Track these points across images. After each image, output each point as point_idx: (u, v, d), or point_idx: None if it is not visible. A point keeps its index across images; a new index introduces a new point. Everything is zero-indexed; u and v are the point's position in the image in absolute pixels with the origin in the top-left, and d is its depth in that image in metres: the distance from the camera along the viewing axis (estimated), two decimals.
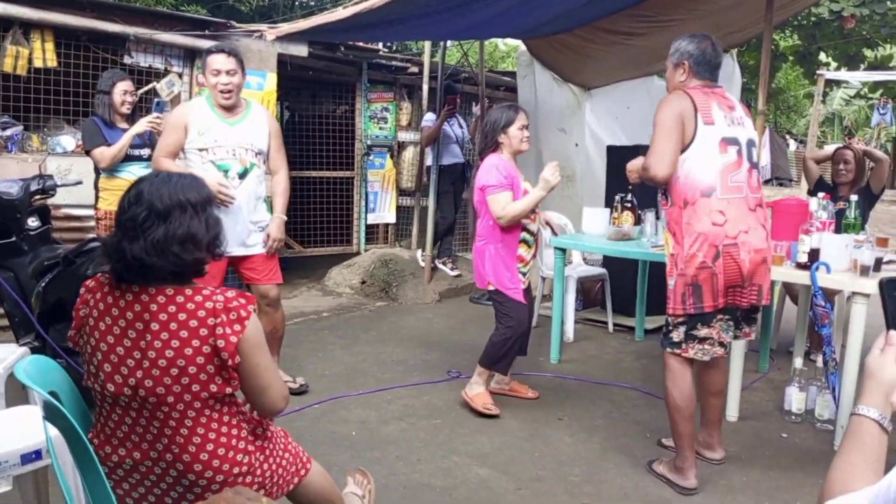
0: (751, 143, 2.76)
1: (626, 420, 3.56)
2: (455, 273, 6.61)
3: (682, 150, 2.66)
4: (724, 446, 3.06)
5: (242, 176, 3.42)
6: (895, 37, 10.98)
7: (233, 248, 3.25)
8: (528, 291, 3.61)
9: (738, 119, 2.74)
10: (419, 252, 6.60)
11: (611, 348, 4.83)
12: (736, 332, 2.85)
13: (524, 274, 3.56)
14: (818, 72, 9.93)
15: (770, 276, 2.80)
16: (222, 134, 3.37)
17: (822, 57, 11.10)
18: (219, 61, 3.32)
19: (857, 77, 11.84)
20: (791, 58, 11.21)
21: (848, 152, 4.48)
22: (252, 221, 3.47)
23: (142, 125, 3.98)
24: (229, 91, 3.34)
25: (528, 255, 3.56)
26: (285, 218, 3.61)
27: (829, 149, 5.03)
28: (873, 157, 4.58)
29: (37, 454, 2.00)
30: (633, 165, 2.97)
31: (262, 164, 3.50)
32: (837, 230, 3.40)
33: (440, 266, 6.56)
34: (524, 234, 3.52)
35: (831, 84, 13.93)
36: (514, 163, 3.59)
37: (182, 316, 1.62)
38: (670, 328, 2.81)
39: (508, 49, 15.23)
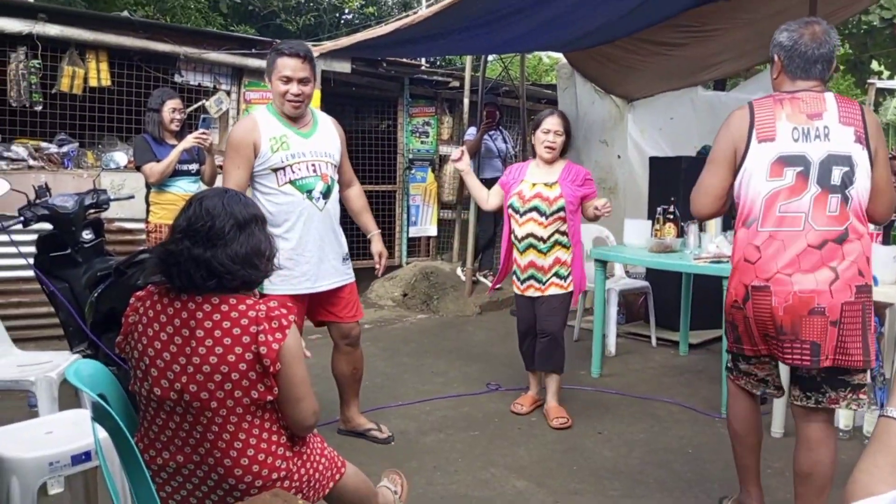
0: (836, 161, 2.21)
1: (668, 435, 3.51)
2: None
3: (737, 171, 2.34)
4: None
5: (326, 195, 2.97)
6: None
7: (322, 284, 2.98)
8: (538, 301, 3.57)
9: (821, 130, 2.22)
10: (459, 266, 6.63)
11: (654, 363, 4.77)
12: (816, 395, 2.29)
13: (521, 279, 3.60)
14: (869, 81, 9.67)
15: (836, 334, 2.19)
16: (299, 147, 2.91)
17: (874, 65, 10.81)
18: (291, 66, 2.84)
19: None
20: (842, 67, 10.95)
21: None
22: (340, 246, 3.08)
23: (188, 141, 4.11)
24: (300, 102, 2.89)
25: (520, 260, 3.58)
26: (380, 232, 3.34)
27: None
28: None
29: (86, 455, 2.08)
30: None
31: (337, 180, 3.09)
32: (885, 241, 3.30)
33: (481, 279, 6.58)
34: (531, 241, 3.52)
35: (884, 93, 13.52)
36: (547, 167, 3.57)
37: (226, 324, 1.68)
38: (728, 354, 2.60)
39: (552, 62, 15.22)
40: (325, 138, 3.02)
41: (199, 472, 1.74)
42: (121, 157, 5.24)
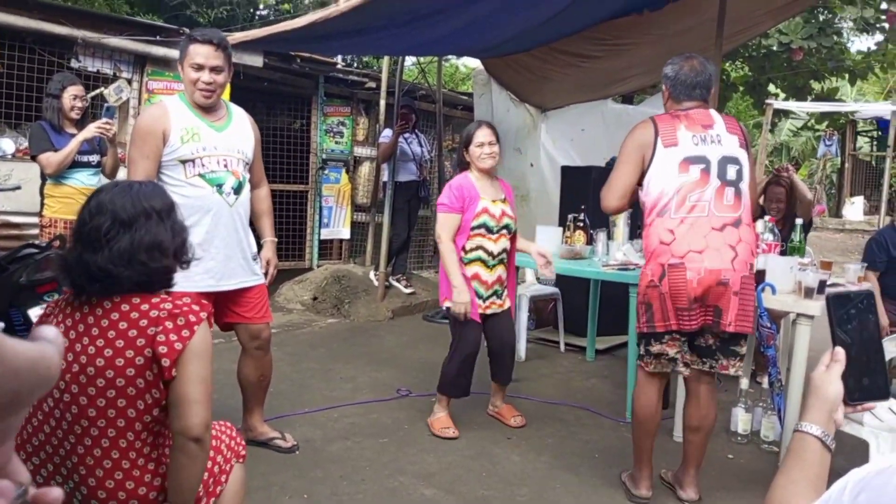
0: (729, 161, 2.66)
1: (575, 439, 3.54)
2: (409, 291, 6.55)
3: (643, 174, 2.70)
4: (670, 468, 3.04)
5: (238, 191, 2.86)
6: (841, 70, 11.41)
7: (227, 283, 2.85)
8: (494, 318, 3.52)
9: (714, 137, 2.67)
10: (372, 270, 6.52)
11: (562, 368, 4.83)
12: (710, 361, 2.76)
13: (483, 297, 3.46)
14: (766, 101, 10.23)
15: (739, 301, 2.61)
16: (211, 140, 2.79)
17: (771, 88, 11.46)
18: (203, 53, 2.69)
19: (805, 108, 12.24)
20: (742, 88, 11.55)
21: (780, 190, 4.50)
22: (247, 245, 2.95)
23: (90, 130, 3.84)
24: (211, 91, 2.74)
25: (488, 276, 3.46)
26: (276, 240, 3.22)
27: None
28: (800, 194, 4.59)
29: None
30: None
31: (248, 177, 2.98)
32: (783, 252, 3.45)
33: (394, 283, 6.50)
34: (479, 254, 3.44)
35: (780, 115, 14.37)
36: (491, 180, 3.53)
37: (122, 325, 1.56)
38: (639, 343, 2.84)
39: (468, 71, 15.39)
40: (238, 134, 2.90)
41: (66, 488, 1.58)
42: (8, 144, 4.86)
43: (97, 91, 5.11)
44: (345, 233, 7.18)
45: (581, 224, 4.44)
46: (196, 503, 1.67)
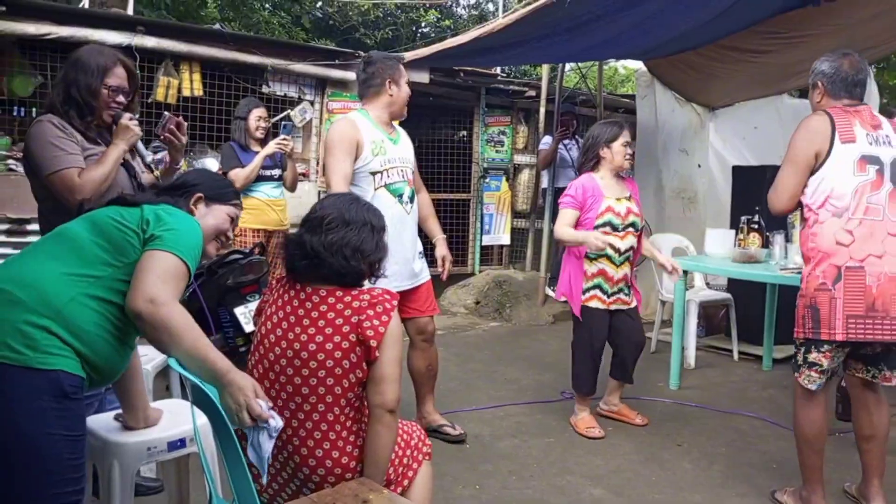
0: None
1: (751, 449, 3.40)
2: (563, 298, 6.53)
3: (816, 169, 2.57)
4: (855, 481, 2.85)
5: (412, 199, 3.13)
6: None
7: (403, 282, 3.07)
8: (618, 314, 3.54)
9: (884, 138, 2.57)
10: (548, 286, 6.53)
11: (736, 376, 4.63)
12: (874, 371, 2.63)
13: (608, 293, 3.49)
14: None
15: None
16: (392, 153, 3.07)
17: None
18: (408, 75, 3.20)
19: None
20: None
21: None
22: (417, 249, 3.23)
23: (270, 147, 4.27)
24: (405, 106, 3.16)
25: (614, 273, 3.48)
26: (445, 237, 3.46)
27: None
28: None
29: (181, 442, 2.18)
30: None
31: None
32: None
33: (549, 293, 6.50)
34: (607, 250, 3.44)
35: None
36: (617, 179, 3.54)
37: (331, 314, 1.79)
38: (795, 352, 2.71)
39: (628, 72, 15.05)
40: (406, 146, 3.22)
41: (280, 458, 1.80)
42: (212, 163, 5.46)
43: (285, 113, 5.62)
44: (505, 239, 7.32)
45: (756, 226, 4.25)
46: (387, 486, 1.84)
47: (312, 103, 5.79)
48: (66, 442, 1.63)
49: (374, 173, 3.02)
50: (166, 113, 2.56)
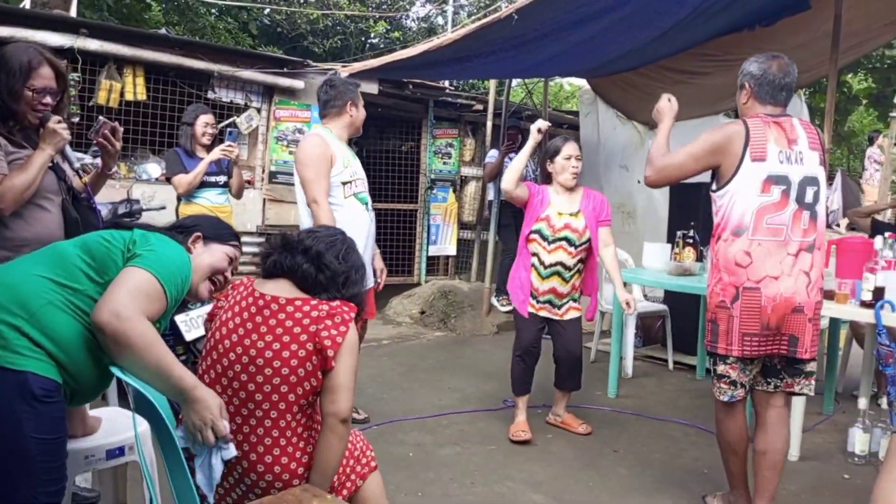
0: (808, 182, 2.56)
1: (684, 456, 3.53)
2: (507, 309, 6.63)
3: (723, 185, 2.59)
4: (784, 486, 2.98)
5: (371, 209, 3.46)
6: None
7: (368, 283, 3.25)
8: (561, 325, 3.65)
9: (798, 155, 2.55)
10: (494, 296, 6.61)
11: (670, 385, 4.79)
12: (775, 381, 2.67)
13: (537, 300, 3.61)
14: (891, 114, 9.68)
15: (813, 327, 2.57)
16: (355, 165, 3.38)
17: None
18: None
19: None
20: (865, 100, 10.96)
21: None
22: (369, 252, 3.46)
23: (215, 153, 4.24)
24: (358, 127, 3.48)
25: (539, 284, 3.59)
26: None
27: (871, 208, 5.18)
28: None
29: (120, 451, 2.16)
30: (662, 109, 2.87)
31: None
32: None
33: (494, 303, 6.60)
34: (533, 261, 3.59)
35: None
36: (569, 195, 3.63)
37: (289, 323, 1.80)
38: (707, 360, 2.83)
39: (573, 89, 15.42)
40: (358, 161, 3.48)
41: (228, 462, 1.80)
42: (153, 168, 5.38)
43: (230, 120, 5.57)
44: (451, 250, 7.40)
45: (691, 241, 4.42)
46: (331, 492, 1.86)
47: (259, 111, 5.76)
48: (39, 444, 1.60)
49: (344, 183, 3.28)
50: (101, 117, 2.46)
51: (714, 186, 2.66)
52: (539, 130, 3.52)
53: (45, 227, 2.24)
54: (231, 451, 1.68)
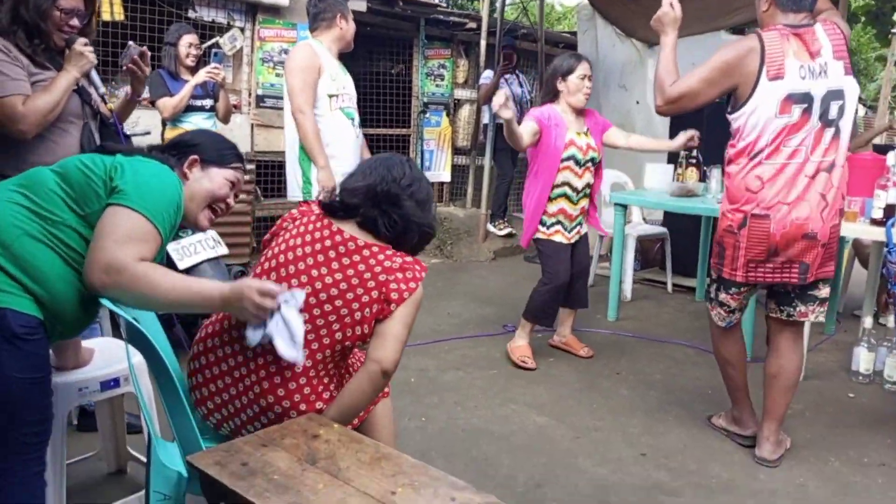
0: (833, 97, 2.38)
1: (685, 376, 3.53)
2: (504, 233, 6.56)
3: (739, 107, 2.43)
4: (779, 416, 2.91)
5: (358, 126, 3.37)
6: None
7: None
8: (576, 245, 3.59)
9: (822, 67, 2.37)
10: (489, 222, 6.52)
11: (669, 308, 4.77)
12: (789, 309, 2.59)
13: (569, 229, 3.53)
14: (892, 30, 9.42)
15: (824, 252, 2.47)
16: (344, 80, 3.29)
17: None
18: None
19: None
20: (864, 18, 10.64)
21: None
22: None
23: (201, 76, 4.04)
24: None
25: (573, 210, 3.51)
26: None
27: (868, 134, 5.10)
28: None
29: (115, 382, 2.09)
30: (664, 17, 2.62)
31: None
32: None
33: (491, 229, 6.52)
34: (565, 190, 3.47)
35: None
36: (576, 115, 3.51)
37: (361, 266, 1.70)
38: (709, 284, 2.76)
39: (565, 10, 14.92)
40: (350, 78, 3.37)
41: (249, 395, 1.70)
42: None
43: (213, 40, 5.31)
44: (445, 176, 7.24)
45: (694, 161, 4.31)
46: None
47: (242, 30, 5.48)
48: (22, 384, 1.51)
49: (331, 96, 3.20)
50: (131, 42, 2.43)
51: (729, 108, 2.50)
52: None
53: (69, 151, 2.23)
54: (299, 294, 1.59)
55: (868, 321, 3.42)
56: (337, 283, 1.69)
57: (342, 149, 3.22)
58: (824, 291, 2.58)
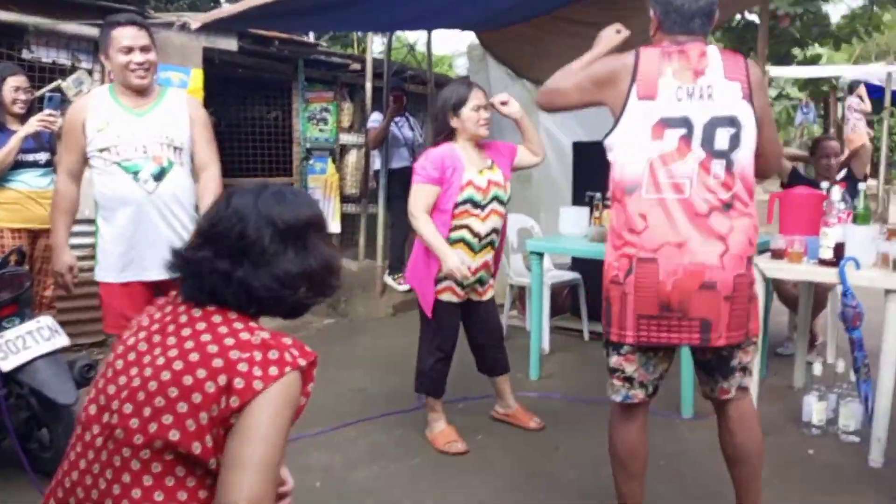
0: (719, 123, 2.04)
1: None
2: (404, 288, 6.08)
3: (610, 131, 2.14)
4: None
5: (158, 178, 2.76)
6: (825, 35, 11.18)
7: (153, 272, 2.69)
8: (482, 307, 3.17)
9: (705, 89, 2.04)
10: (387, 273, 6.02)
11: (591, 359, 4.41)
12: (711, 384, 2.21)
13: (463, 286, 3.04)
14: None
15: (731, 307, 2.04)
16: (127, 128, 2.74)
17: (753, 57, 11.20)
18: (129, 35, 2.70)
19: (791, 73, 12.02)
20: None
21: (834, 144, 4.21)
22: (177, 234, 2.74)
23: (31, 125, 3.42)
24: (146, 70, 2.73)
25: (471, 262, 3.01)
26: None
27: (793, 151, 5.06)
28: (864, 150, 4.37)
29: None
30: None
31: (186, 163, 2.85)
32: (855, 220, 3.06)
33: (389, 282, 6.02)
34: (464, 234, 3.00)
35: None
36: (478, 150, 3.08)
37: (205, 336, 1.23)
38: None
39: (444, 55, 15.05)
40: (164, 118, 2.83)
41: None
42: None
43: (55, 84, 4.55)
44: (335, 227, 6.68)
45: (609, 202, 4.02)
46: None
47: (90, 72, 4.75)
48: None
49: (101, 150, 2.75)
50: None
51: (604, 136, 2.16)
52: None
53: None
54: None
55: (817, 367, 3.19)
56: (170, 363, 1.22)
57: (123, 211, 2.74)
58: (748, 356, 2.17)
